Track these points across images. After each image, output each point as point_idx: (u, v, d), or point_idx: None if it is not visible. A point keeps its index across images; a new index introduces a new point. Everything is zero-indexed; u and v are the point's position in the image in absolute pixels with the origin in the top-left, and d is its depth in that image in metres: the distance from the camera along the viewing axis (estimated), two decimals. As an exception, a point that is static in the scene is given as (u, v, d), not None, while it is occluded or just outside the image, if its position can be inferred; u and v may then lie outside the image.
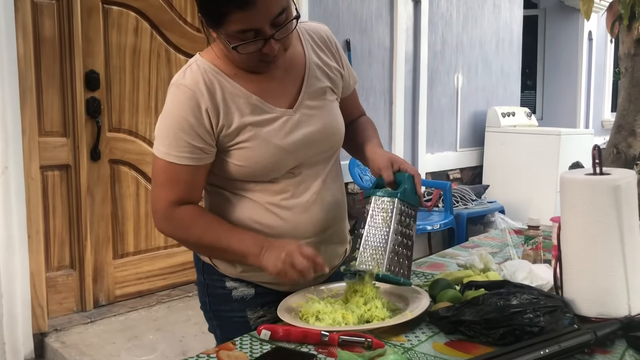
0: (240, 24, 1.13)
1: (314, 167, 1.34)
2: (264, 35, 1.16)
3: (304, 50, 1.35)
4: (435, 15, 4.73)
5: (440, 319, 1.17)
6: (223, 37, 1.18)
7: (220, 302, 1.38)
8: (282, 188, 1.31)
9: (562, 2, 7.13)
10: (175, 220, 1.27)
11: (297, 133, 1.29)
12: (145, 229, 3.25)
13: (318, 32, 1.40)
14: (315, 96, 1.34)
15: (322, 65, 1.37)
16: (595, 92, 7.49)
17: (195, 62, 1.26)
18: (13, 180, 2.54)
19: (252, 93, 1.26)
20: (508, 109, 5.30)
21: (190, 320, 2.98)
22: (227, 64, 1.27)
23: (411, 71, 4.56)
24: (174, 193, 1.25)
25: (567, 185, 1.21)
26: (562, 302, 1.17)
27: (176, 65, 3.32)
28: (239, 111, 1.25)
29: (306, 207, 1.32)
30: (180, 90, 1.22)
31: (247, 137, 1.25)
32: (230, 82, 1.25)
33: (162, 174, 1.25)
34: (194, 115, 1.21)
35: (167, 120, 1.23)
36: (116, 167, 3.12)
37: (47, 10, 2.82)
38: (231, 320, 1.38)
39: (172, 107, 1.23)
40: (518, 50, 5.76)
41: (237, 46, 1.17)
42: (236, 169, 1.27)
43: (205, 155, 1.24)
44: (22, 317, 2.60)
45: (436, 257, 1.78)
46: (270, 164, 1.27)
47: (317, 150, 1.34)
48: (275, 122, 1.27)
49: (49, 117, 2.86)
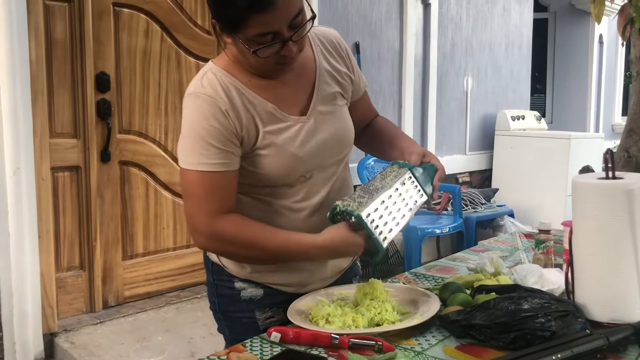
0: (259, 27, 1.13)
1: (326, 170, 1.35)
2: (281, 37, 1.16)
3: (314, 55, 1.36)
4: (445, 18, 4.73)
5: (451, 322, 1.17)
6: (241, 42, 1.17)
7: (229, 303, 1.38)
8: (294, 191, 1.31)
9: (573, 6, 7.10)
10: (219, 235, 1.23)
11: (311, 140, 1.30)
12: (154, 230, 3.26)
13: (328, 36, 1.40)
14: (326, 101, 1.34)
15: (332, 70, 1.37)
16: (605, 95, 7.46)
17: (210, 70, 1.26)
18: (24, 181, 2.55)
19: (267, 101, 1.27)
20: (518, 112, 5.28)
21: (199, 322, 2.99)
22: (241, 70, 1.27)
23: (420, 74, 4.56)
24: (213, 203, 1.22)
25: (579, 190, 1.20)
26: (574, 306, 1.16)
27: (186, 68, 3.33)
28: (256, 119, 1.25)
29: (316, 209, 1.33)
30: (200, 99, 1.22)
31: (263, 145, 1.25)
32: (246, 90, 1.25)
33: (196, 186, 1.22)
34: (219, 121, 1.20)
35: (192, 131, 1.22)
36: (126, 168, 3.14)
37: (59, 12, 2.84)
38: (240, 320, 1.38)
39: (195, 117, 1.22)
40: (528, 53, 5.74)
41: (257, 50, 1.16)
42: (251, 174, 1.27)
43: (235, 158, 1.23)
44: (32, 317, 2.61)
45: (446, 261, 1.77)
46: (285, 171, 1.27)
47: (329, 155, 1.34)
48: (290, 130, 1.28)
49: (59, 119, 2.87)
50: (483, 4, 5.12)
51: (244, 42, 1.17)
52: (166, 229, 3.32)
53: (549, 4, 7.36)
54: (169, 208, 3.32)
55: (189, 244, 3.41)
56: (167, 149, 3.27)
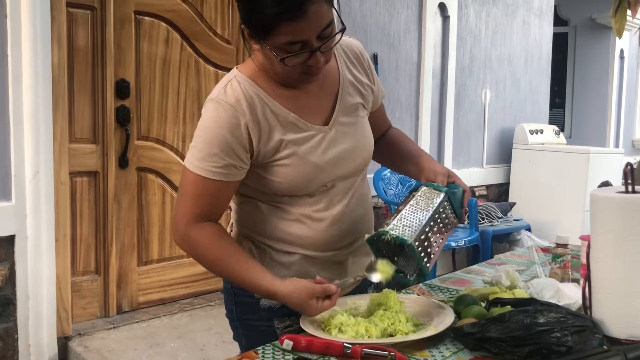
0: (289, 35, 1.14)
1: (346, 180, 1.35)
2: (310, 47, 1.16)
3: (338, 65, 1.36)
4: (464, 31, 4.72)
5: (465, 335, 1.16)
6: (269, 49, 1.18)
7: (248, 311, 1.38)
8: (315, 200, 1.31)
9: (594, 20, 7.05)
10: (192, 240, 1.26)
11: (332, 151, 1.30)
12: (169, 237, 3.28)
13: (351, 47, 1.40)
14: (348, 112, 1.35)
15: (355, 81, 1.38)
16: (626, 111, 7.38)
17: (235, 78, 1.26)
18: (43, 185, 2.58)
19: (290, 110, 1.27)
20: (536, 126, 5.24)
21: (212, 330, 2.99)
22: (266, 79, 1.27)
23: (438, 86, 4.55)
24: (198, 207, 1.25)
25: (598, 203, 1.18)
26: (591, 322, 1.14)
27: (205, 76, 3.36)
28: (278, 128, 1.25)
29: (337, 219, 1.33)
30: (221, 106, 1.22)
31: (285, 155, 1.25)
32: (269, 100, 1.26)
33: (190, 186, 1.25)
34: (232, 133, 1.21)
35: (204, 135, 1.23)
36: (143, 174, 3.16)
37: (82, 19, 2.88)
38: (258, 329, 1.37)
39: (210, 123, 1.22)
40: (547, 67, 5.71)
41: (285, 58, 1.17)
42: (273, 184, 1.28)
43: (236, 171, 1.24)
44: (47, 320, 2.63)
45: (461, 273, 1.76)
46: (306, 181, 1.28)
47: (350, 165, 1.35)
48: (312, 139, 1.28)
49: (79, 124, 2.91)
50: (502, 17, 5.11)
51: (272, 49, 1.17)
52: (181, 235, 3.33)
53: (570, 18, 7.32)
54: (184, 215, 3.33)
55: (203, 251, 3.42)
56: (184, 156, 3.27)
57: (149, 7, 3.11)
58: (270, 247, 1.35)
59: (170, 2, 3.19)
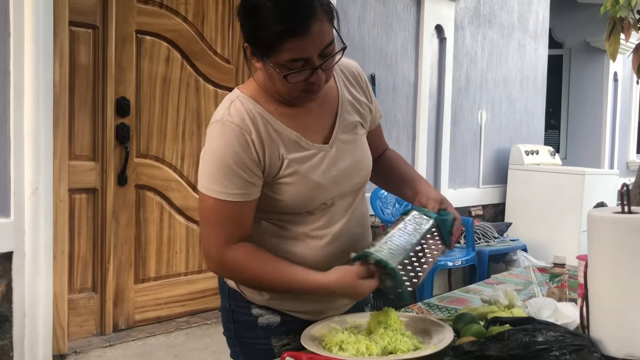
0: (292, 52, 1.16)
1: (345, 199, 1.37)
2: (312, 65, 1.19)
3: (336, 85, 1.39)
4: (460, 53, 4.78)
5: (465, 353, 1.16)
6: (271, 66, 1.20)
7: (245, 329, 1.38)
8: (315, 218, 1.32)
9: (588, 43, 7.15)
10: (229, 263, 1.26)
11: (333, 169, 1.32)
12: (167, 255, 3.28)
13: (349, 67, 1.43)
14: (347, 130, 1.37)
15: (353, 100, 1.40)
16: (620, 133, 7.45)
17: (238, 98, 1.28)
18: (42, 202, 2.59)
19: (292, 129, 1.29)
20: (532, 147, 5.28)
21: (209, 348, 2.97)
22: (267, 98, 1.29)
23: (435, 107, 4.59)
24: (226, 231, 1.24)
25: (595, 223, 1.20)
26: (589, 341, 1.15)
27: (205, 95, 3.39)
28: (280, 147, 1.27)
29: (336, 237, 1.34)
30: (227, 126, 1.23)
31: (288, 173, 1.27)
32: (271, 118, 1.27)
33: (213, 213, 1.24)
34: (245, 151, 1.22)
35: (216, 157, 1.22)
36: (142, 192, 3.17)
37: (84, 38, 2.91)
38: (256, 347, 1.37)
39: (220, 145, 1.23)
40: (542, 88, 5.77)
41: (287, 75, 1.19)
42: (274, 202, 1.29)
43: (255, 189, 1.25)
44: (43, 338, 2.62)
45: (459, 293, 1.77)
46: (308, 199, 1.29)
47: (350, 183, 1.36)
48: (313, 158, 1.30)
49: (79, 141, 2.93)
50: (498, 40, 5.17)
51: (275, 66, 1.19)
52: (179, 253, 3.33)
53: (564, 41, 7.42)
54: (182, 233, 3.34)
55: (200, 270, 3.42)
56: (182, 174, 3.31)
57: (150, 27, 3.15)
58: None
59: (171, 22, 3.23)
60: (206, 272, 3.45)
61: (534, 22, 5.60)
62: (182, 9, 3.26)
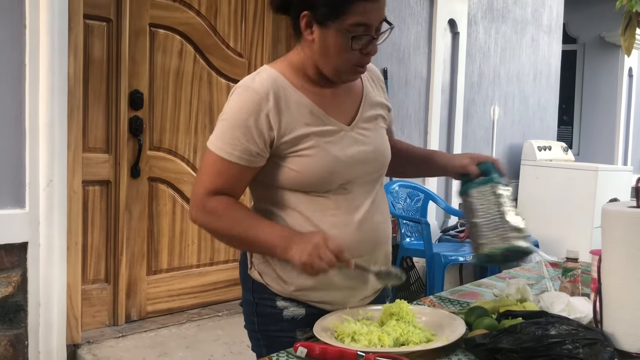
0: (359, 15, 1.23)
1: (365, 186, 1.39)
2: (370, 32, 1.26)
3: (361, 78, 1.45)
4: (473, 48, 4.75)
5: (476, 346, 1.17)
6: (334, 31, 1.25)
7: (270, 322, 1.38)
8: (333, 204, 1.34)
9: (602, 38, 7.08)
10: (208, 209, 1.30)
11: (353, 148, 1.35)
12: (179, 247, 3.30)
13: (372, 67, 1.50)
14: (368, 120, 1.42)
15: (376, 95, 1.47)
16: (634, 128, 7.38)
17: (264, 70, 1.34)
18: (56, 194, 2.61)
19: (317, 105, 1.33)
20: (544, 142, 5.25)
21: (220, 340, 2.99)
22: (296, 75, 1.34)
23: (447, 102, 4.57)
24: (215, 184, 1.30)
25: (609, 218, 1.20)
26: (602, 335, 1.15)
27: (217, 88, 3.40)
28: (301, 120, 1.31)
29: (358, 225, 1.36)
30: (247, 92, 1.29)
31: (307, 146, 1.30)
32: (296, 92, 1.32)
33: (211, 166, 1.30)
34: (254, 119, 1.27)
35: (227, 118, 1.29)
36: (154, 184, 3.19)
37: (98, 31, 2.93)
38: (280, 340, 1.35)
39: (235, 108, 1.29)
40: (556, 84, 5.73)
41: (353, 38, 1.24)
42: (292, 175, 1.31)
43: (254, 158, 1.29)
44: (57, 328, 2.65)
45: (471, 286, 1.77)
46: (326, 174, 1.31)
47: (369, 169, 1.39)
48: (335, 134, 1.34)
49: (93, 134, 2.95)
50: (512, 35, 5.14)
51: (339, 30, 1.24)
52: (191, 245, 3.35)
53: (578, 36, 7.35)
54: (194, 225, 3.31)
55: (212, 262, 3.44)
56: (195, 167, 3.33)
57: (163, 20, 3.16)
58: None
59: (184, 15, 3.24)
60: (218, 264, 3.47)
61: (548, 17, 5.56)
62: (195, 2, 3.27)
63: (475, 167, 1.44)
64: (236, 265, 3.52)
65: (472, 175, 1.43)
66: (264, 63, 3.58)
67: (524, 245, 1.32)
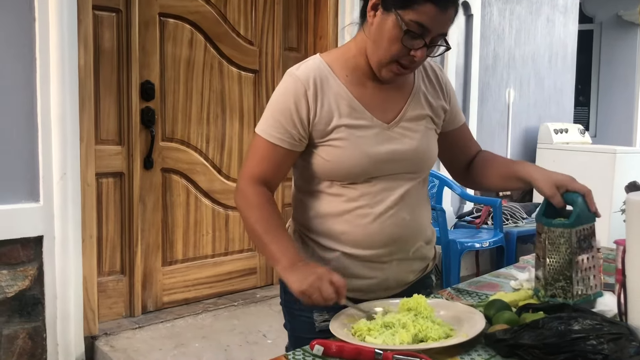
0: (424, 16, 1.24)
1: (394, 182, 1.38)
2: (425, 38, 1.26)
3: (414, 75, 1.44)
4: (488, 30, 4.67)
5: (497, 341, 1.14)
6: (395, 20, 1.25)
7: (293, 300, 1.40)
8: (359, 195, 1.36)
9: (620, 17, 6.94)
10: (246, 195, 1.37)
11: (385, 146, 1.36)
12: (194, 237, 3.30)
13: (431, 65, 1.50)
14: (413, 120, 1.41)
15: (428, 95, 1.45)
16: (653, 109, 7.25)
17: (313, 59, 1.39)
18: (70, 186, 2.61)
19: (356, 99, 1.35)
20: (561, 125, 5.17)
21: (236, 330, 3.00)
22: (344, 66, 1.37)
23: (462, 85, 4.51)
24: (260, 168, 1.36)
25: (634, 208, 1.16)
26: (627, 329, 1.12)
27: (228, 77, 3.37)
28: (338, 111, 1.34)
29: (378, 218, 1.36)
30: (291, 78, 1.35)
31: (339, 137, 1.33)
32: (338, 84, 1.35)
33: (258, 149, 1.37)
34: (295, 104, 1.32)
35: (272, 103, 1.37)
36: (168, 175, 3.19)
37: (107, 22, 2.91)
38: (299, 319, 1.44)
39: (278, 93, 1.36)
40: (572, 65, 5.63)
41: (406, 32, 1.24)
42: (322, 162, 1.35)
43: (296, 142, 1.35)
44: (74, 320, 2.66)
45: (489, 277, 1.74)
46: (353, 167, 1.34)
47: (401, 168, 1.39)
48: (369, 130, 1.35)
49: (105, 126, 2.94)
50: (526, 16, 5.04)
51: (400, 21, 1.24)
52: (205, 236, 3.35)
53: (595, 15, 7.21)
54: (208, 215, 3.35)
55: (227, 252, 3.44)
56: (207, 157, 3.31)
57: (173, 9, 3.13)
58: (314, 242, 1.42)
59: (194, 4, 3.20)
60: (232, 254, 3.46)
61: (564, -3, 5.45)
62: (205, -10, 3.24)
63: (560, 199, 1.35)
64: (250, 255, 3.52)
65: (556, 206, 1.35)
66: (275, 50, 3.57)
67: (570, 302, 1.28)
